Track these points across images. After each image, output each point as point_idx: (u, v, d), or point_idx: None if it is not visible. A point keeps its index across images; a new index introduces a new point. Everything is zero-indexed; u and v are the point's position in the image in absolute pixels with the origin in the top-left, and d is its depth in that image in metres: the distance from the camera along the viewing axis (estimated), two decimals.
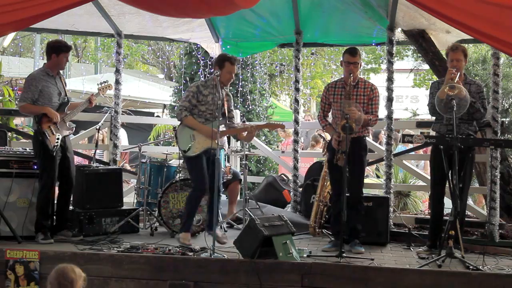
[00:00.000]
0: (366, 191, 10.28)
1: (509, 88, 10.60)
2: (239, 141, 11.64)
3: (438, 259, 7.67)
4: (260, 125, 9.04)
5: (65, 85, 8.98)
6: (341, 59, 8.96)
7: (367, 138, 9.17)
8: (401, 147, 12.84)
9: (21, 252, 7.66)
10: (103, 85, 9.41)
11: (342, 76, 9.04)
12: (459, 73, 8.21)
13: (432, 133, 8.75)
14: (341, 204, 8.10)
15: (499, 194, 9.14)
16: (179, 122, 8.70)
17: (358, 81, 8.76)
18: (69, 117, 8.77)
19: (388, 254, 8.64)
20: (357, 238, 8.73)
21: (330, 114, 9.05)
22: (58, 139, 8.54)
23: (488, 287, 7.03)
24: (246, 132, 8.81)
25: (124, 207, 9.81)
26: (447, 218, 8.31)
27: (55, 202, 8.85)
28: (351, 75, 8.60)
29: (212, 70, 8.76)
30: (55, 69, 8.76)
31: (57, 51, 8.69)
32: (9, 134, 10.35)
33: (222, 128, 8.63)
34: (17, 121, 13.68)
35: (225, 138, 8.98)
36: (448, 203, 8.74)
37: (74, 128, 8.96)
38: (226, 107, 8.56)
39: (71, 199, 9.28)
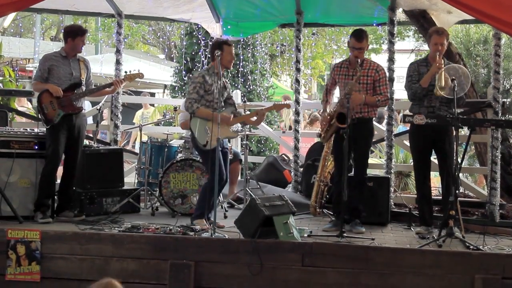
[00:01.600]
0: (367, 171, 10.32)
1: (510, 68, 10.61)
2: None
3: (439, 239, 7.69)
4: (268, 108, 8.99)
5: (87, 68, 9.00)
6: (348, 40, 8.94)
7: None
8: (401, 128, 12.85)
9: (22, 232, 7.67)
10: (132, 72, 9.36)
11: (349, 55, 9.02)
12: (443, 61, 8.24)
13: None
14: (342, 184, 8.11)
15: (499, 174, 9.14)
16: (180, 103, 8.68)
17: (363, 62, 8.73)
18: (77, 97, 8.74)
19: (388, 234, 8.66)
20: (358, 218, 8.75)
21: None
22: (59, 115, 8.53)
23: (488, 267, 7.05)
24: (255, 118, 8.76)
25: (125, 187, 9.82)
26: (436, 197, 8.37)
27: (59, 182, 8.87)
28: (357, 59, 8.60)
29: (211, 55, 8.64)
30: (71, 53, 8.82)
31: (73, 35, 8.76)
32: (10, 114, 10.34)
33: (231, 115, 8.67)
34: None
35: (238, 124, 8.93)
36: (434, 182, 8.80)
37: (82, 108, 8.92)
38: (226, 95, 8.56)
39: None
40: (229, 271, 7.36)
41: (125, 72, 9.41)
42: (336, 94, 9.28)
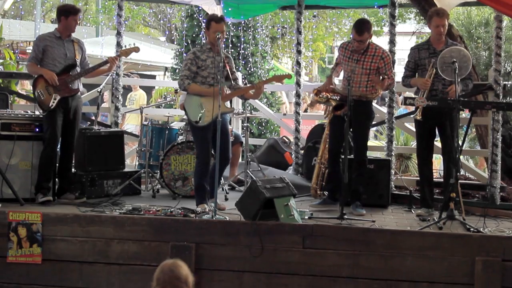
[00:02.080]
0: (367, 154, 10.33)
1: None
2: (240, 104, 11.63)
3: (439, 221, 7.70)
4: (267, 80, 8.91)
5: (81, 49, 8.95)
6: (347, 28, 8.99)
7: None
8: (402, 110, 12.84)
9: (23, 214, 7.69)
10: (127, 47, 9.36)
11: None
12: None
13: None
14: (342, 167, 8.13)
15: (500, 156, 9.14)
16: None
17: (369, 47, 8.73)
18: (73, 79, 8.73)
19: (389, 216, 8.67)
20: (359, 200, 8.77)
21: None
22: (55, 100, 8.52)
23: (488, 249, 7.07)
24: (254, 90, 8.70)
25: (126, 170, 9.83)
26: (437, 179, 8.39)
27: (57, 164, 8.87)
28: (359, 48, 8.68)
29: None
30: (65, 32, 8.76)
31: (66, 14, 8.71)
32: (11, 97, 10.33)
33: (228, 91, 8.59)
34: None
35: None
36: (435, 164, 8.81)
37: (78, 90, 8.91)
38: (228, 69, 8.47)
39: (73, 161, 9.30)
40: (230, 253, 7.38)
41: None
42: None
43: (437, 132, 8.64)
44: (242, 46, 14.93)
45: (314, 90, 9.22)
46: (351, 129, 8.65)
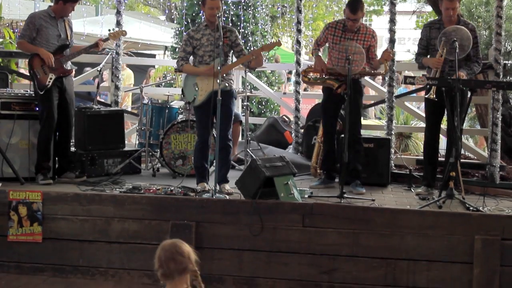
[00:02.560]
0: (367, 133, 10.35)
1: None
2: (240, 83, 11.62)
3: (439, 200, 7.72)
4: (258, 50, 8.75)
5: (70, 29, 8.91)
6: (344, 7, 8.93)
7: (370, 81, 9.20)
8: (402, 89, 12.83)
9: (24, 193, 7.71)
10: (115, 30, 9.35)
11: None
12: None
13: None
14: (342, 146, 8.14)
15: (500, 136, 9.14)
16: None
17: (360, 27, 8.74)
18: (67, 59, 8.73)
19: (389, 195, 8.69)
20: (358, 179, 8.79)
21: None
22: (51, 79, 8.50)
23: (488, 228, 7.09)
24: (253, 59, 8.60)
25: (126, 149, 9.84)
26: (442, 159, 8.40)
27: (56, 143, 8.87)
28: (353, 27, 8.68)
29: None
30: (59, 14, 8.72)
31: (65, 0, 8.65)
32: (10, 76, 10.31)
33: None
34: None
35: (232, 77, 8.71)
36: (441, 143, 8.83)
37: (73, 71, 8.92)
38: (229, 43, 8.38)
39: (73, 140, 9.31)
40: (230, 232, 7.41)
41: (108, 30, 9.35)
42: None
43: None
44: (242, 25, 14.89)
45: (303, 72, 9.22)
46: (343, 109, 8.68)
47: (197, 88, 8.30)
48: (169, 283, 4.00)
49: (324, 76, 8.86)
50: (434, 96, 8.18)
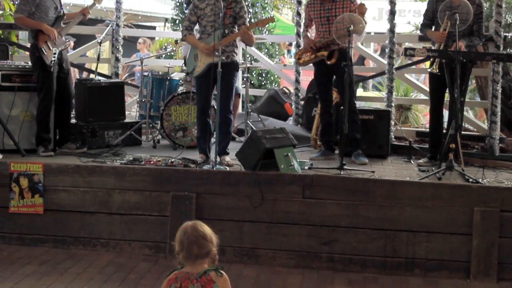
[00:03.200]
0: (367, 105, 10.35)
1: None
2: (241, 55, 11.59)
3: (438, 172, 7.74)
4: (250, 25, 8.69)
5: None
6: None
7: (369, 51, 9.18)
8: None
9: (25, 165, 7.74)
10: None
11: None
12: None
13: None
14: (342, 117, 8.15)
15: (500, 108, 9.14)
16: (180, 36, 8.63)
17: None
18: (64, 31, 8.72)
19: (388, 166, 8.71)
20: (359, 148, 8.81)
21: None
22: (55, 54, 8.49)
23: (487, 200, 7.12)
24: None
25: (127, 120, 9.86)
26: (446, 130, 8.41)
27: (55, 115, 8.87)
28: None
29: None
30: None
31: None
32: (11, 48, 10.29)
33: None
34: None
35: (234, 49, 8.63)
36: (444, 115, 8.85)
37: (71, 42, 8.91)
38: (232, 14, 8.31)
39: (73, 112, 9.31)
40: (230, 203, 7.44)
41: None
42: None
43: None
44: None
45: (296, 55, 9.22)
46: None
47: (197, 59, 8.30)
48: (190, 265, 3.98)
49: (314, 50, 8.86)
50: (437, 70, 8.19)
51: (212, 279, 3.89)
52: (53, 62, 8.45)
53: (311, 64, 9.10)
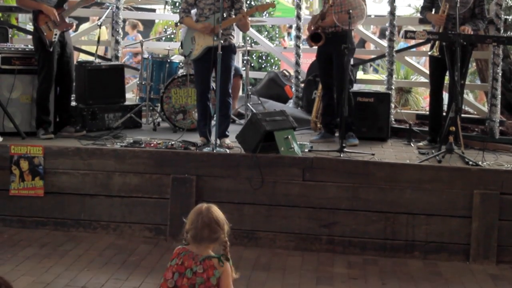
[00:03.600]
0: (367, 87, 10.34)
1: None
2: (241, 37, 11.58)
3: (438, 154, 7.74)
4: (250, 10, 8.69)
5: None
6: None
7: (368, 34, 9.17)
8: (402, 44, 12.78)
9: (25, 147, 7.74)
10: None
11: None
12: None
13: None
14: (341, 100, 8.15)
15: (500, 91, 9.14)
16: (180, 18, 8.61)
17: None
18: (67, 13, 8.70)
19: (388, 149, 8.72)
20: (350, 130, 8.80)
21: None
22: (56, 35, 8.47)
23: (487, 183, 7.14)
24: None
25: (127, 103, 9.84)
26: (446, 113, 8.41)
27: (56, 98, 8.86)
28: None
29: None
30: None
31: None
32: (11, 30, 10.27)
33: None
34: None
35: (231, 32, 8.60)
36: (445, 98, 8.84)
37: (74, 25, 8.89)
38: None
39: (73, 95, 9.31)
40: (230, 186, 7.46)
41: None
42: None
43: None
44: None
45: (308, 41, 9.16)
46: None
47: (194, 42, 8.30)
48: (196, 246, 3.97)
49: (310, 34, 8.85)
50: (438, 53, 8.18)
51: (214, 265, 3.89)
52: (53, 43, 8.43)
53: (314, 47, 9.08)
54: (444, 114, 8.67)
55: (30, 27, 11.38)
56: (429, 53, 8.49)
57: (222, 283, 3.90)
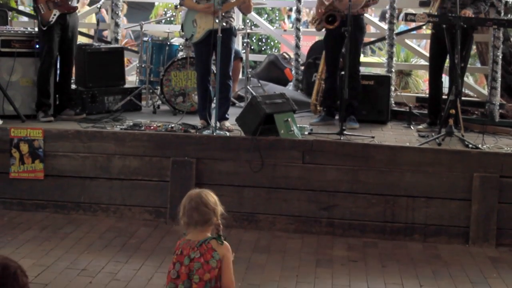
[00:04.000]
0: (367, 70, 10.32)
1: None
2: (241, 20, 11.55)
3: (438, 137, 7.73)
4: None
5: None
6: None
7: (367, 16, 9.14)
8: (403, 27, 12.76)
9: (25, 130, 7.75)
10: None
11: None
12: None
13: None
14: (341, 83, 8.14)
15: (500, 74, 9.12)
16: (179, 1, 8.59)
17: None
18: None
19: (388, 132, 8.71)
20: (353, 114, 8.79)
21: None
22: (54, 15, 8.43)
23: (486, 166, 7.15)
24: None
25: (127, 86, 9.83)
26: (445, 96, 8.40)
27: (57, 81, 8.85)
28: None
29: None
30: None
31: None
32: (10, 13, 10.24)
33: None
34: None
35: (231, 14, 8.56)
36: (444, 81, 8.83)
37: (78, 8, 8.86)
38: None
39: (73, 78, 9.29)
40: (230, 168, 7.47)
41: None
42: None
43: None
44: None
45: (311, 24, 9.11)
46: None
47: (195, 25, 8.26)
48: (191, 232, 3.98)
49: (325, 15, 8.80)
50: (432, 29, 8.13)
51: (213, 247, 3.89)
52: (49, 23, 8.38)
53: (313, 29, 9.06)
54: (445, 97, 8.67)
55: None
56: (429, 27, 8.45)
57: (224, 263, 3.90)
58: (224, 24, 8.00)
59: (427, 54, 9.33)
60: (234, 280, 3.97)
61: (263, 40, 15.57)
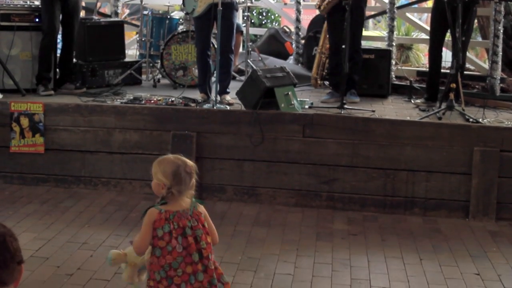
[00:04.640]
0: (368, 44, 10.29)
1: None
2: None
3: (439, 111, 7.73)
4: None
5: None
6: None
7: None
8: (404, 0, 12.73)
9: (25, 104, 7.74)
10: None
11: None
12: None
13: None
14: (342, 56, 8.10)
15: (501, 48, 9.10)
16: None
17: None
18: None
19: (389, 106, 8.70)
20: (353, 88, 8.74)
21: None
22: None
23: (487, 139, 7.15)
24: None
25: (127, 60, 9.81)
26: (447, 71, 8.38)
27: (58, 55, 8.84)
28: None
29: None
30: None
31: None
32: None
33: None
34: None
35: None
36: (446, 56, 8.80)
37: None
38: None
39: (74, 53, 9.27)
40: (231, 142, 7.47)
41: None
42: None
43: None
44: None
45: (317, 7, 9.03)
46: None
47: (196, 0, 8.21)
48: (174, 201, 3.89)
49: None
50: None
51: (200, 210, 3.89)
52: None
53: (313, 3, 8.99)
54: (447, 71, 8.64)
55: None
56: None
57: (207, 220, 3.91)
58: None
59: (428, 28, 9.31)
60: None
61: (264, 14, 15.54)
